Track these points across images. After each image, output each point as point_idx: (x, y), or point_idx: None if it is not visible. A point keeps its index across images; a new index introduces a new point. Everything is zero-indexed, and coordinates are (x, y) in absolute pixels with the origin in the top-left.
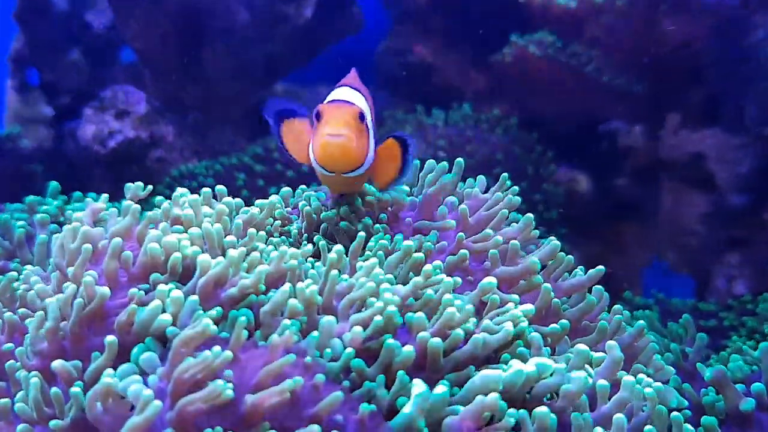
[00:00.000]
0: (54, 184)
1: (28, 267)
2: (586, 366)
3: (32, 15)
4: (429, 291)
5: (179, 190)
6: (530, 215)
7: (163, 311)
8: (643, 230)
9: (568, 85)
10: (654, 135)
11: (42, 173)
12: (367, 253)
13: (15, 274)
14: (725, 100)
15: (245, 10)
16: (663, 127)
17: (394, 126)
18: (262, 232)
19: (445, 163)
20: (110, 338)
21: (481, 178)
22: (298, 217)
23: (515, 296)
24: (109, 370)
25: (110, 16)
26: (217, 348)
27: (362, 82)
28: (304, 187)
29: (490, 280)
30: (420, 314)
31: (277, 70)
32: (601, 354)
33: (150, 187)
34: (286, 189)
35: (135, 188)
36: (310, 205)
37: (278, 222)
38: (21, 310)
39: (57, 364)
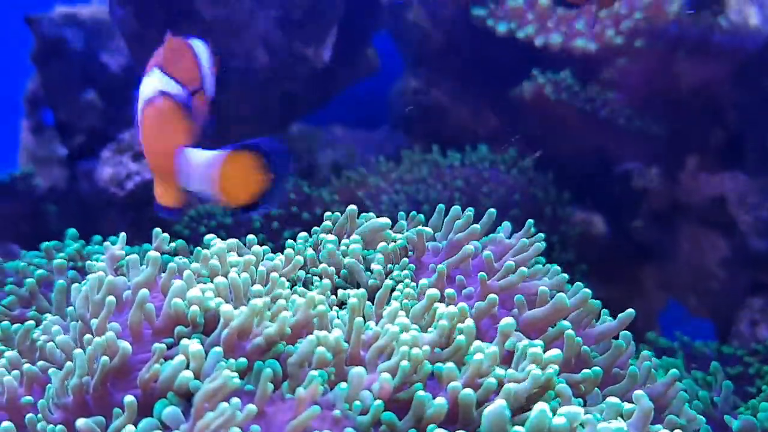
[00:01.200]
0: (72, 231)
1: (48, 316)
2: (619, 418)
3: (48, 56)
4: (459, 337)
5: (210, 242)
6: (564, 276)
7: (187, 366)
8: (661, 273)
9: (582, 126)
10: (672, 177)
11: (56, 214)
12: (393, 302)
13: (33, 323)
14: (746, 144)
15: (264, 52)
16: (681, 169)
17: (410, 166)
18: (284, 280)
19: (472, 210)
20: (129, 399)
21: (506, 224)
22: (319, 260)
23: (540, 342)
24: (130, 427)
25: (127, 57)
26: (238, 401)
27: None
28: (317, 229)
29: (508, 321)
30: (450, 364)
31: (295, 111)
32: (632, 405)
33: (174, 244)
34: (302, 234)
35: (161, 240)
36: (334, 250)
37: (301, 271)
38: (40, 363)
39: (81, 423)
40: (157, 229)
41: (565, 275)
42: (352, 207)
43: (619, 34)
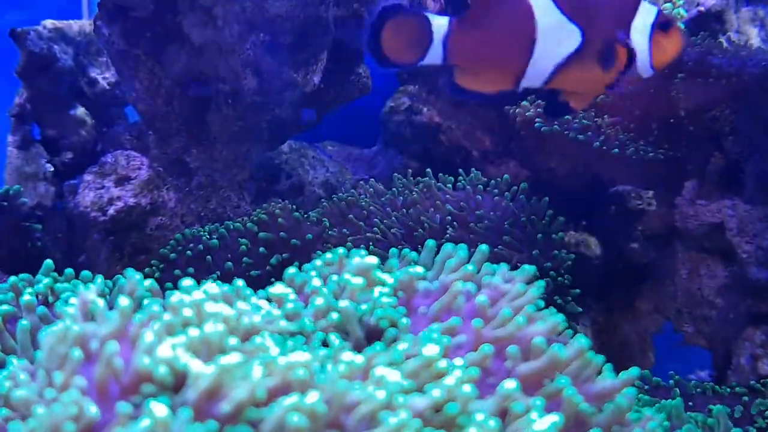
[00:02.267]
0: (47, 263)
1: (15, 362)
2: None
3: (35, 70)
4: (452, 406)
5: (185, 288)
6: (561, 316)
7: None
8: (656, 297)
9: (576, 151)
10: (668, 201)
11: (41, 232)
12: (383, 355)
13: None
14: (746, 170)
15: (253, 76)
16: (678, 194)
17: (402, 189)
18: (267, 333)
19: (464, 248)
20: None
21: (503, 267)
22: (306, 304)
23: (538, 402)
24: None
25: (116, 72)
26: None
27: None
28: (309, 266)
29: (510, 385)
30: None
31: (284, 133)
32: None
33: (149, 282)
34: (291, 271)
35: (135, 282)
36: (324, 297)
37: (285, 322)
38: (3, 411)
39: None
40: (130, 270)
41: (561, 317)
42: (340, 250)
43: None
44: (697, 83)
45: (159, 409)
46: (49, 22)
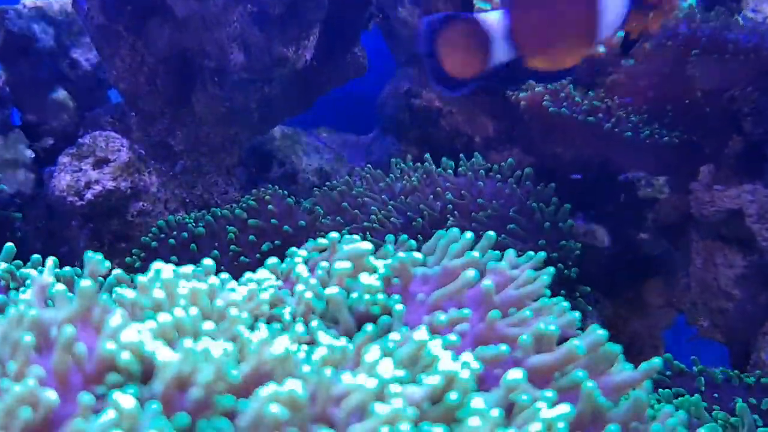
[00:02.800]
0: (8, 247)
1: None
2: None
3: (15, 52)
4: (452, 395)
5: (153, 268)
6: (576, 314)
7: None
8: (668, 290)
9: (585, 135)
10: (682, 188)
11: (21, 221)
12: (374, 344)
13: None
14: (767, 153)
15: (240, 52)
16: (693, 179)
17: (400, 175)
18: (246, 315)
19: (470, 234)
20: None
21: (510, 252)
22: (291, 292)
23: (549, 394)
24: None
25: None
26: None
27: None
28: (294, 250)
29: (516, 375)
30: (439, 430)
31: (275, 115)
32: None
33: (108, 263)
34: (272, 260)
35: (95, 263)
36: (305, 284)
37: (266, 306)
38: None
39: None
40: (89, 253)
41: (576, 314)
42: (333, 235)
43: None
44: (713, 61)
45: (125, 400)
46: (28, 1)
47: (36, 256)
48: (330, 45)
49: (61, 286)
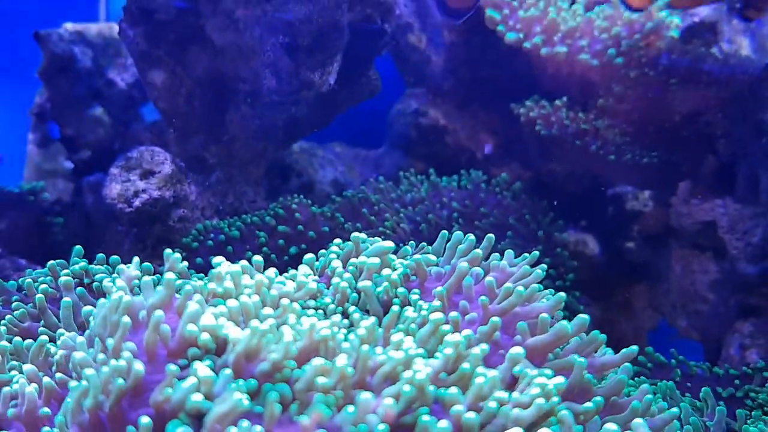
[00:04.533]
0: (78, 248)
1: (65, 332)
2: None
3: (56, 71)
4: (464, 365)
5: (220, 264)
6: (562, 295)
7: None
8: (652, 294)
9: (576, 153)
10: (664, 201)
11: (61, 227)
12: (400, 326)
13: (47, 338)
14: (738, 171)
15: (272, 76)
16: (673, 194)
17: (409, 187)
18: (296, 305)
19: (472, 237)
20: (144, 420)
21: (509, 252)
22: (327, 285)
23: (547, 371)
24: None
25: (133, 74)
26: (248, 423)
27: None
28: (324, 252)
29: (518, 350)
30: (453, 389)
31: (299, 131)
32: None
33: (186, 263)
34: (309, 256)
35: (174, 260)
36: (341, 277)
37: (311, 300)
38: (58, 376)
39: None
40: (168, 250)
41: (563, 294)
42: (357, 235)
43: (620, 55)
44: (691, 89)
45: (203, 369)
46: (69, 25)
47: (100, 255)
48: (348, 69)
49: (147, 277)
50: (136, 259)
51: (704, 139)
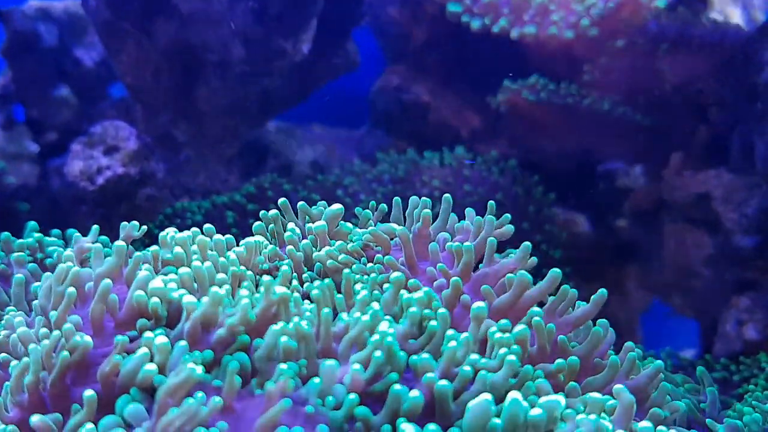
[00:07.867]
0: (32, 224)
1: (9, 310)
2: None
3: (20, 50)
4: (432, 322)
5: (167, 230)
6: (528, 244)
7: (152, 360)
8: (645, 272)
9: (565, 124)
10: (655, 175)
11: (26, 211)
12: (362, 292)
13: None
14: (731, 140)
15: (241, 45)
16: (665, 166)
17: (388, 166)
18: (250, 272)
19: (427, 199)
20: (89, 393)
21: (469, 210)
22: (284, 253)
23: (504, 321)
24: (89, 425)
25: (101, 52)
26: (203, 395)
27: None
28: (264, 213)
29: (479, 304)
30: (425, 355)
31: (273, 107)
32: (614, 401)
33: (144, 227)
34: (259, 224)
35: (130, 228)
36: (296, 247)
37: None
38: (2, 356)
39: (36, 419)
40: (124, 222)
41: (528, 244)
42: (302, 203)
43: (593, 25)
44: (682, 55)
45: (159, 338)
46: (34, 2)
47: (56, 231)
48: (324, 41)
49: (98, 245)
50: (95, 227)
51: (696, 109)
